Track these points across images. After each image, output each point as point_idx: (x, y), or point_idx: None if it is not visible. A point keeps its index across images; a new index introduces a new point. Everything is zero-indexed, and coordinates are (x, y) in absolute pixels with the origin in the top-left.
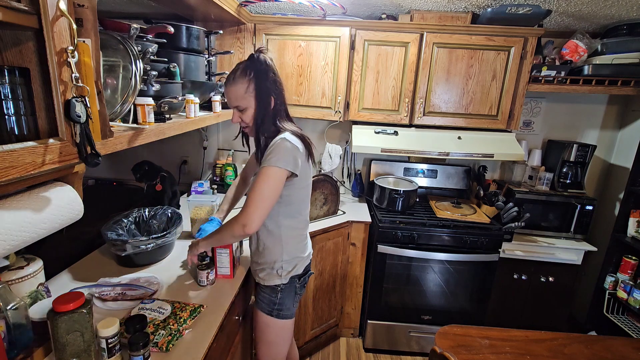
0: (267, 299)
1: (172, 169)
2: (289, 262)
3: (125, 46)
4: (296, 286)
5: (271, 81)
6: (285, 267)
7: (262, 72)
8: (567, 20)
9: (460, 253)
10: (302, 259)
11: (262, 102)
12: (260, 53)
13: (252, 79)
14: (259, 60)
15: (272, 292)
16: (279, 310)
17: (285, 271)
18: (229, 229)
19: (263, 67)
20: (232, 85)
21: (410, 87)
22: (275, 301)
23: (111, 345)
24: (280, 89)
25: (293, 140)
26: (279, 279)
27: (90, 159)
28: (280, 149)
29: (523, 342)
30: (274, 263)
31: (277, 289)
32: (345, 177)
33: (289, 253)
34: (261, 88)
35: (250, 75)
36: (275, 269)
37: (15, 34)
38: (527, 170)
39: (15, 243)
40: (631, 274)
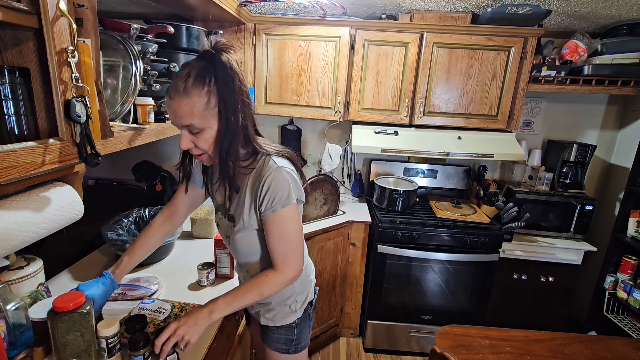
0: (283, 339)
1: (172, 169)
2: (302, 292)
3: (125, 46)
4: (310, 313)
5: (238, 91)
6: (299, 300)
7: (227, 79)
8: (567, 20)
9: (460, 253)
10: (312, 282)
11: (229, 121)
12: (222, 52)
13: (214, 90)
14: (221, 63)
15: (287, 331)
16: (297, 344)
17: (299, 304)
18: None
19: (228, 73)
20: (182, 98)
21: (410, 87)
22: (292, 338)
23: (111, 345)
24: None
25: (285, 164)
26: (294, 314)
27: (90, 159)
28: (284, 182)
29: (523, 342)
30: (285, 300)
31: (293, 325)
32: (345, 177)
33: (302, 283)
34: (227, 103)
35: (211, 84)
36: (288, 306)
37: (15, 34)
38: (527, 170)
39: (15, 243)
40: (631, 274)
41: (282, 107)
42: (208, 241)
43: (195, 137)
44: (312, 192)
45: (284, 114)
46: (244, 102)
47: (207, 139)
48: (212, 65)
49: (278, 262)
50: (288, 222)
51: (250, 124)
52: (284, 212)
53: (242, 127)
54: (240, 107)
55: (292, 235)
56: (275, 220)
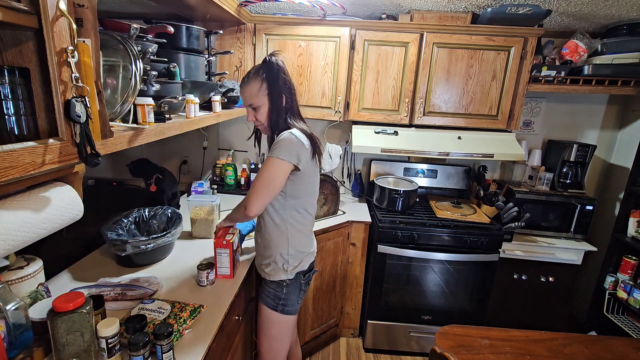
0: (273, 294)
1: (172, 169)
2: (295, 256)
3: (125, 46)
4: (301, 282)
5: (282, 81)
6: (291, 262)
7: (274, 72)
8: (567, 20)
9: (460, 253)
10: (307, 255)
11: (275, 100)
12: (272, 56)
13: (265, 79)
14: (271, 62)
15: (278, 287)
16: (284, 305)
17: (291, 266)
18: (238, 210)
19: (274, 68)
20: (246, 85)
21: (410, 87)
22: (281, 296)
23: (111, 345)
24: (291, 88)
25: (299, 135)
26: (285, 274)
27: (90, 159)
28: (285, 142)
29: (523, 342)
30: (279, 256)
31: (283, 284)
32: (345, 177)
33: (294, 247)
34: (273, 87)
35: (263, 75)
36: (281, 264)
37: (15, 34)
38: (527, 170)
39: (15, 243)
40: (631, 274)
41: None
42: (208, 241)
43: (255, 112)
44: None
45: None
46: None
47: (262, 113)
48: (265, 64)
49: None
50: (266, 168)
51: (293, 106)
52: (269, 160)
53: (284, 106)
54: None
55: (262, 179)
56: (264, 162)
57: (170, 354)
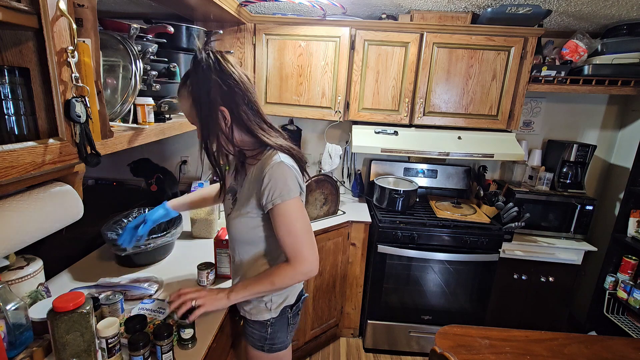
0: (258, 335)
1: (172, 168)
2: (280, 295)
3: (125, 46)
4: (288, 317)
5: (216, 87)
6: (274, 300)
7: (201, 78)
8: (567, 20)
9: (460, 253)
10: (293, 288)
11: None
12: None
13: (190, 91)
14: (196, 62)
15: (262, 327)
16: (271, 345)
17: (275, 304)
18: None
19: (200, 73)
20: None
21: (410, 87)
22: (266, 337)
23: (111, 345)
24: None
25: (287, 161)
26: (268, 313)
27: (90, 159)
28: (282, 177)
29: (523, 342)
30: (262, 296)
31: (267, 323)
32: (345, 177)
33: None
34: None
35: (189, 86)
36: (264, 302)
37: (15, 34)
38: (527, 170)
39: (15, 243)
40: (631, 274)
41: (282, 107)
42: (208, 241)
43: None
44: (312, 192)
45: (284, 114)
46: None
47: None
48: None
49: (289, 256)
50: (293, 215)
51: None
52: (286, 205)
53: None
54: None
55: (298, 228)
56: (279, 214)
57: (170, 354)
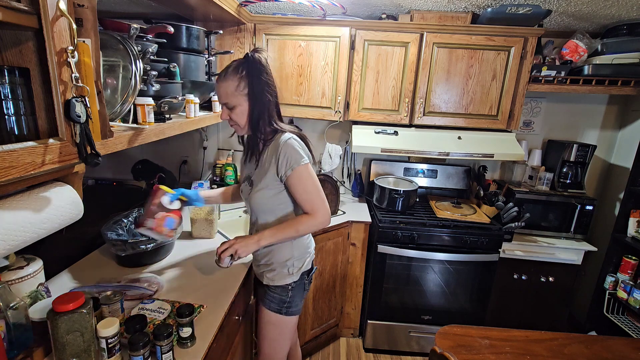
0: (278, 299)
1: (172, 169)
2: (300, 258)
3: (125, 46)
4: (305, 282)
5: (264, 81)
6: (296, 264)
7: (255, 70)
8: (567, 20)
9: (460, 253)
10: (310, 254)
11: (254, 101)
12: (256, 52)
13: (244, 77)
14: (253, 59)
15: (283, 291)
16: (289, 307)
17: (296, 268)
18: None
19: (256, 66)
20: (222, 82)
21: (410, 87)
22: (286, 299)
23: (111, 345)
24: (273, 90)
25: (297, 139)
26: (290, 277)
27: (90, 159)
28: (294, 148)
29: (523, 342)
30: (285, 261)
31: (288, 287)
32: (345, 177)
33: (299, 249)
34: (253, 86)
35: (242, 73)
36: (287, 267)
37: (15, 34)
38: (527, 170)
39: (15, 243)
40: (631, 274)
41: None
42: (208, 241)
43: (230, 111)
44: None
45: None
46: (270, 90)
47: (237, 113)
48: (246, 60)
49: (307, 210)
50: (305, 177)
51: (273, 108)
52: (300, 170)
53: (266, 108)
54: (264, 92)
55: (312, 187)
56: (295, 177)
57: (170, 354)
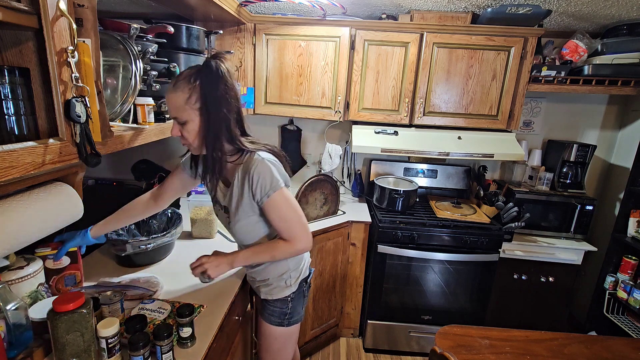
0: (278, 312)
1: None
2: (296, 269)
3: (125, 46)
4: (304, 290)
5: (221, 94)
6: (293, 275)
7: (211, 81)
8: (567, 20)
9: (460, 253)
10: (306, 260)
11: (209, 117)
12: (215, 59)
13: (196, 89)
14: (209, 67)
15: (283, 304)
16: (290, 318)
17: (293, 279)
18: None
19: (212, 77)
20: (171, 92)
21: (410, 87)
22: (287, 312)
23: (111, 345)
24: (234, 103)
25: (268, 157)
26: (289, 289)
27: (90, 159)
28: (268, 172)
29: (523, 342)
30: (281, 275)
31: (288, 299)
32: (345, 177)
33: (295, 260)
34: (207, 100)
35: (195, 83)
36: (284, 280)
37: (15, 34)
38: (527, 170)
39: (15, 243)
40: (631, 274)
41: (282, 107)
42: (208, 241)
43: (182, 127)
44: (312, 192)
45: (284, 114)
46: (228, 104)
47: (189, 130)
48: (200, 69)
49: (286, 238)
50: (281, 204)
51: (234, 125)
52: (276, 196)
53: (223, 125)
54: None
55: (290, 214)
56: (272, 205)
57: (170, 354)
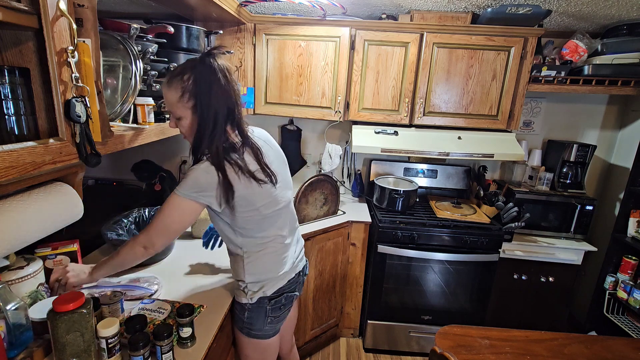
0: (237, 316)
1: (172, 169)
2: (254, 283)
3: (125, 46)
4: (267, 308)
5: (216, 91)
6: (250, 287)
7: (204, 79)
8: (567, 20)
9: (460, 253)
10: (272, 280)
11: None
12: (210, 56)
13: (189, 88)
14: (204, 65)
15: (241, 310)
16: (249, 329)
17: (250, 291)
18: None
19: (206, 75)
20: (165, 87)
21: (410, 87)
22: (243, 319)
23: (111, 345)
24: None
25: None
26: (245, 297)
27: (90, 159)
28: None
29: (523, 342)
30: (239, 282)
31: (245, 307)
32: (345, 177)
33: (252, 275)
34: (200, 100)
35: (188, 81)
36: (241, 287)
37: (15, 34)
38: (527, 170)
39: (15, 243)
40: (631, 274)
41: (282, 107)
42: None
43: (177, 121)
44: (312, 192)
45: (284, 114)
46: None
47: (183, 125)
48: (195, 65)
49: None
50: (168, 206)
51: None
52: (173, 196)
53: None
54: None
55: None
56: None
57: (170, 354)
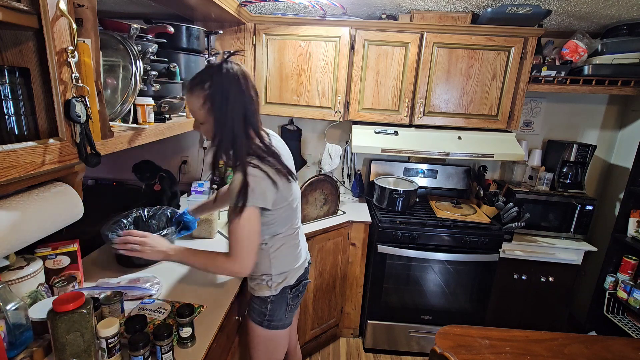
0: (257, 310)
1: (172, 169)
2: (279, 274)
3: (125, 46)
4: (288, 297)
5: (232, 100)
6: (275, 279)
7: (223, 87)
8: (567, 20)
9: (460, 253)
10: (293, 270)
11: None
12: (229, 62)
13: (209, 96)
14: (221, 72)
15: (262, 303)
16: (270, 321)
17: (275, 283)
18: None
19: (225, 84)
20: (187, 94)
21: (410, 87)
22: (265, 312)
23: (111, 345)
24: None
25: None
26: (269, 290)
27: (90, 159)
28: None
29: (523, 342)
30: (261, 275)
31: (268, 300)
32: (345, 177)
33: (277, 268)
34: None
35: (208, 89)
36: (265, 281)
37: (15, 34)
38: (527, 170)
39: (15, 243)
40: (631, 274)
41: (282, 107)
42: (208, 241)
43: (200, 126)
44: (312, 192)
45: (284, 114)
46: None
47: (205, 130)
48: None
49: (229, 253)
50: (240, 220)
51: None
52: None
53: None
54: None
55: (242, 235)
56: (231, 213)
57: (170, 354)
